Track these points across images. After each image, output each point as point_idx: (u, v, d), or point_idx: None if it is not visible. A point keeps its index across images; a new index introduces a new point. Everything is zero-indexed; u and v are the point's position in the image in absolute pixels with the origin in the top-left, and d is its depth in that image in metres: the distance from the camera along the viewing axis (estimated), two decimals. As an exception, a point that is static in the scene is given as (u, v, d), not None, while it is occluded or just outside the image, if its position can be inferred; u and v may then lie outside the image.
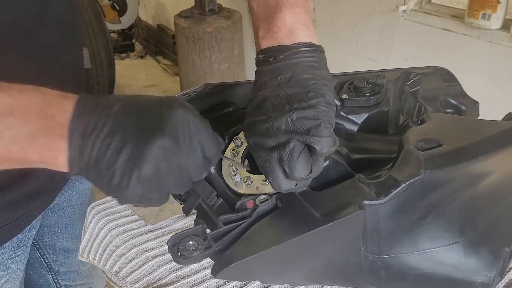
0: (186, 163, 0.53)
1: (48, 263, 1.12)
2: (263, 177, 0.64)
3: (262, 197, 0.61)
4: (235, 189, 0.66)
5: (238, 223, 0.58)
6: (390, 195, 0.59)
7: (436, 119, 0.71)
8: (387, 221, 0.61)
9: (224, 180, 0.68)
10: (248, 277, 0.68)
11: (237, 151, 0.70)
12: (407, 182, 0.59)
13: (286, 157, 0.55)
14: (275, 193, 0.62)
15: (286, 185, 0.57)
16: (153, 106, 0.53)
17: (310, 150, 0.56)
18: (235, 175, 0.66)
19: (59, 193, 1.01)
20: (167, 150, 0.51)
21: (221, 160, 0.71)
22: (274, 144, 0.56)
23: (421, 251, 0.63)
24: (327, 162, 0.64)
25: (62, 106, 0.51)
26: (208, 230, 0.71)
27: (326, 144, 0.55)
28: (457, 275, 0.65)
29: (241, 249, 0.54)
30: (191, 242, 0.56)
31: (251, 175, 0.66)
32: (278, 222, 0.57)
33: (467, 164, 0.63)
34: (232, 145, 0.71)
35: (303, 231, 0.55)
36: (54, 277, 1.14)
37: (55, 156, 0.51)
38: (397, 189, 0.59)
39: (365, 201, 0.59)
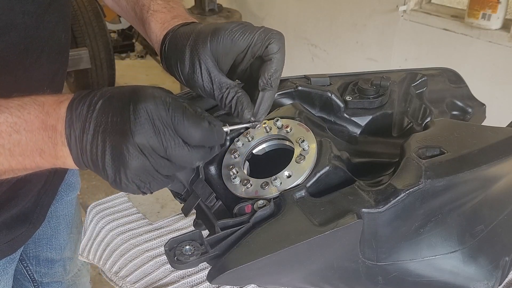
0: (171, 154, 0.53)
1: (31, 274, 1.10)
2: (262, 180, 0.64)
3: (261, 202, 0.61)
4: (234, 192, 0.66)
5: (235, 228, 0.58)
6: (389, 204, 0.58)
7: (439, 125, 0.70)
8: (385, 229, 0.60)
9: (223, 182, 0.68)
10: (245, 282, 0.68)
11: (238, 154, 0.70)
12: (407, 192, 0.58)
13: None
14: (274, 198, 0.62)
15: None
16: (124, 101, 0.52)
17: None
18: (235, 178, 0.66)
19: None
20: (144, 147, 0.51)
21: (221, 162, 0.70)
22: None
23: (420, 259, 0.63)
24: (327, 168, 0.63)
25: (58, 114, 0.53)
26: (205, 231, 0.71)
27: None
28: (455, 282, 0.65)
29: (238, 256, 0.54)
30: (187, 247, 0.56)
31: (251, 179, 0.66)
32: (275, 229, 0.57)
33: (468, 173, 0.62)
34: (233, 146, 0.71)
35: (300, 240, 0.55)
36: None
37: (64, 162, 0.55)
38: (396, 198, 0.58)
39: (363, 209, 0.58)
